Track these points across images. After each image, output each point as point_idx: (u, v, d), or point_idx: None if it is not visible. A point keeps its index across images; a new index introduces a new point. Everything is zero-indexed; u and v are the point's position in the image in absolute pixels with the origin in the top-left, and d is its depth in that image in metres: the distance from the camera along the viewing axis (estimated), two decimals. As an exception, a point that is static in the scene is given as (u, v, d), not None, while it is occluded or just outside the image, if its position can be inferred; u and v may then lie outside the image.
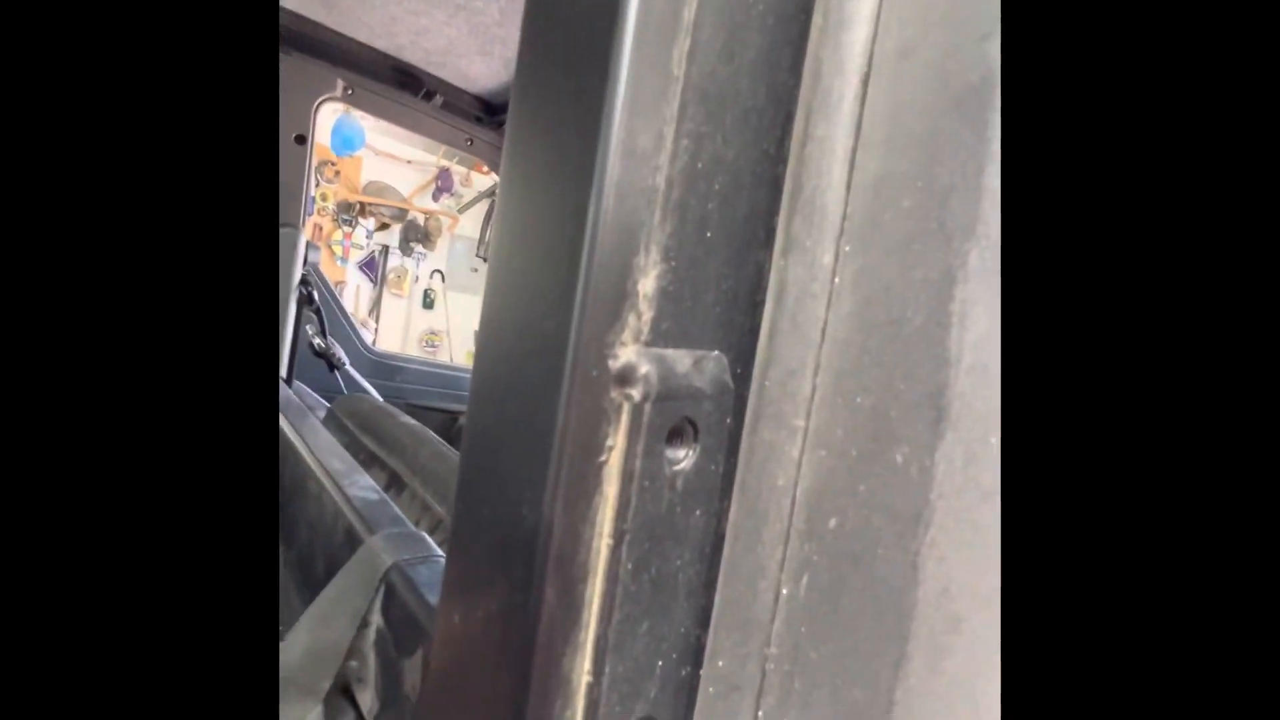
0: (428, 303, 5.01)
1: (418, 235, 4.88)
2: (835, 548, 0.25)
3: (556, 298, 0.22)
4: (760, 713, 0.27)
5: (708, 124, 0.24)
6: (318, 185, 4.39)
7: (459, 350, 5.03)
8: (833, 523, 0.25)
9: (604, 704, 0.24)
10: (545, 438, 0.23)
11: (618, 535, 0.24)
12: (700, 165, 0.24)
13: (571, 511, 0.23)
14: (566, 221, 0.22)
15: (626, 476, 0.24)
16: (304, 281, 1.23)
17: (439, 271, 5.04)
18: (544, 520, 0.23)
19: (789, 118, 0.27)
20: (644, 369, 0.23)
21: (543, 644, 0.23)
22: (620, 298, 0.23)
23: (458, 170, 4.88)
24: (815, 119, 0.26)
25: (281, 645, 0.45)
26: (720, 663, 0.28)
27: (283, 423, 0.84)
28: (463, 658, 0.25)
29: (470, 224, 5.02)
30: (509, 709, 0.23)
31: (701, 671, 0.28)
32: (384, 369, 2.23)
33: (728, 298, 0.27)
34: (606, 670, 0.24)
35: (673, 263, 0.24)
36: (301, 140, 1.93)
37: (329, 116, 4.03)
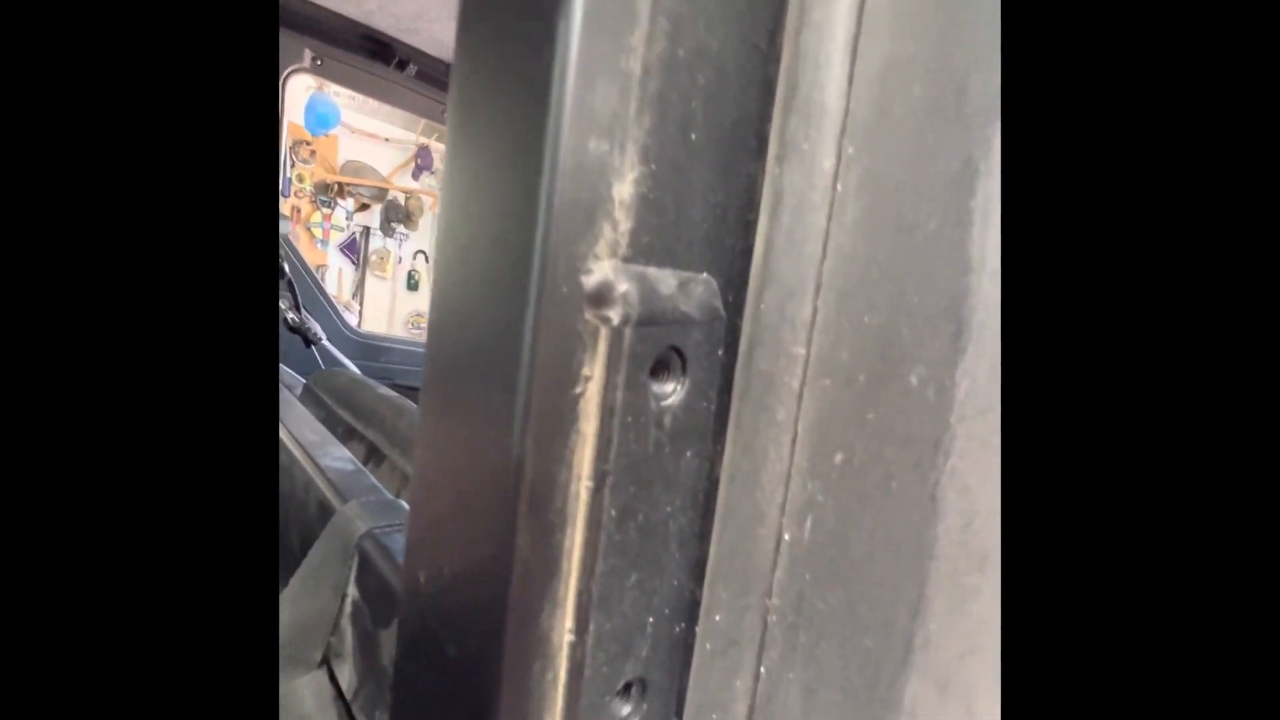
0: (412, 284, 4.93)
1: (399, 215, 4.78)
2: (843, 485, 0.22)
3: (518, 197, 0.19)
4: (763, 669, 0.24)
5: (688, 4, 0.21)
6: (293, 166, 4.27)
7: (446, 332, 4.96)
8: (839, 458, 0.22)
9: (589, 665, 0.22)
10: (511, 365, 0.20)
11: (598, 477, 0.21)
12: (681, 53, 0.21)
13: (544, 451, 0.20)
14: (525, 105, 0.19)
15: (606, 411, 0.21)
16: (274, 254, 1.19)
17: (422, 252, 4.95)
18: (513, 460, 0.20)
19: (781, 7, 0.24)
20: (622, 287, 0.20)
21: (516, 600, 0.21)
22: (593, 203, 0.20)
23: (438, 147, 4.76)
24: (811, 2, 0.23)
25: None
26: (717, 617, 0.25)
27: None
28: (431, 621, 0.23)
29: (452, 203, 4.91)
30: (483, 673, 0.21)
31: (697, 627, 0.26)
32: (369, 350, 2.19)
33: (716, 213, 0.24)
34: (591, 628, 0.22)
35: (653, 166, 0.21)
36: (270, 114, 1.85)
37: (301, 94, 3.90)
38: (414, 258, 4.92)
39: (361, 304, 4.72)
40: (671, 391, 0.23)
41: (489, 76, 0.20)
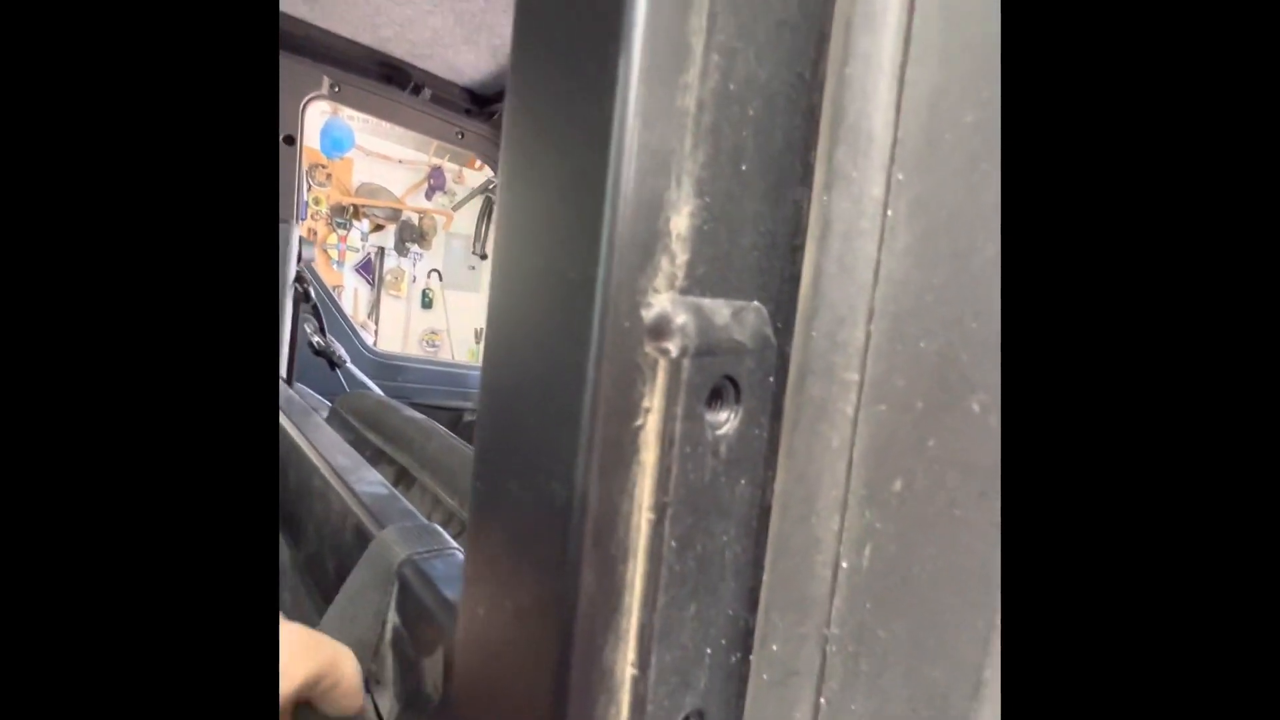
0: (426, 303, 4.98)
1: (413, 235, 4.85)
2: (902, 512, 0.22)
3: (579, 236, 0.19)
4: (823, 699, 0.24)
5: (739, 38, 0.21)
6: (310, 189, 4.35)
7: (460, 348, 5.01)
8: (898, 485, 0.22)
9: (651, 698, 0.22)
10: (574, 400, 0.20)
11: (659, 509, 0.21)
12: (732, 86, 0.22)
13: (607, 483, 0.20)
14: (585, 145, 0.19)
15: (666, 442, 0.21)
16: (299, 279, 1.21)
17: (436, 271, 5.00)
18: (577, 494, 0.20)
19: (824, 37, 0.24)
20: (680, 319, 0.20)
21: (582, 635, 0.21)
22: (651, 237, 0.20)
23: (450, 168, 4.83)
24: (856, 33, 0.23)
25: None
26: (774, 646, 0.25)
27: (285, 423, 0.82)
28: (491, 656, 0.23)
29: (465, 221, 4.98)
30: (546, 709, 0.21)
31: (752, 657, 0.25)
32: (386, 369, 2.21)
33: (766, 241, 0.24)
34: (653, 661, 0.22)
35: (707, 198, 0.21)
36: (290, 141, 1.89)
37: (317, 118, 3.99)
38: (428, 276, 4.98)
39: (377, 323, 4.77)
40: (726, 420, 0.23)
41: (545, 121, 0.21)
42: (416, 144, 4.63)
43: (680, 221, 0.20)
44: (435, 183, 4.84)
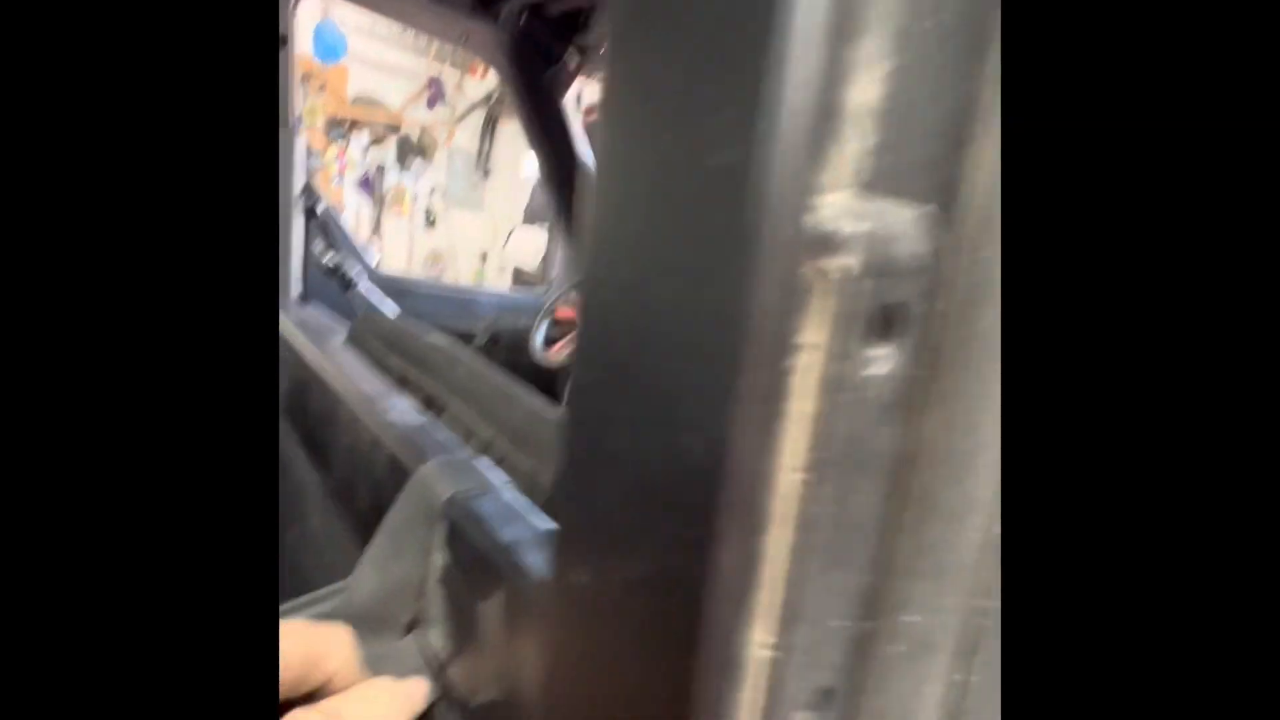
0: (430, 221, 4.84)
1: (414, 149, 4.64)
2: (1101, 473, 0.18)
3: (727, 105, 0.14)
4: (959, 676, 0.21)
5: None
6: (305, 99, 4.12)
7: (465, 269, 4.91)
8: (1097, 440, 0.18)
9: (785, 678, 0.18)
10: (716, 331, 0.15)
11: (815, 467, 0.17)
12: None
13: (752, 437, 0.16)
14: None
15: (828, 386, 0.16)
16: (306, 191, 1.13)
17: (439, 189, 4.83)
18: (719, 451, 0.16)
19: None
20: (862, 227, 0.15)
21: (712, 611, 0.17)
22: (825, 112, 0.15)
23: (450, 74, 4.55)
24: None
25: (348, 584, 0.41)
26: (909, 617, 0.22)
27: (303, 344, 0.78)
28: (595, 635, 0.19)
29: (467, 136, 4.75)
30: (667, 695, 0.18)
31: (884, 628, 0.22)
32: (393, 292, 2.15)
33: (950, 126, 0.18)
34: (791, 638, 0.18)
35: (907, 58, 0.15)
36: (283, 41, 1.74)
37: (308, 21, 3.71)
38: (430, 194, 4.81)
39: (381, 243, 4.66)
40: (887, 357, 0.18)
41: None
42: (415, 49, 4.32)
43: (870, 89, 0.15)
44: (435, 93, 4.57)
